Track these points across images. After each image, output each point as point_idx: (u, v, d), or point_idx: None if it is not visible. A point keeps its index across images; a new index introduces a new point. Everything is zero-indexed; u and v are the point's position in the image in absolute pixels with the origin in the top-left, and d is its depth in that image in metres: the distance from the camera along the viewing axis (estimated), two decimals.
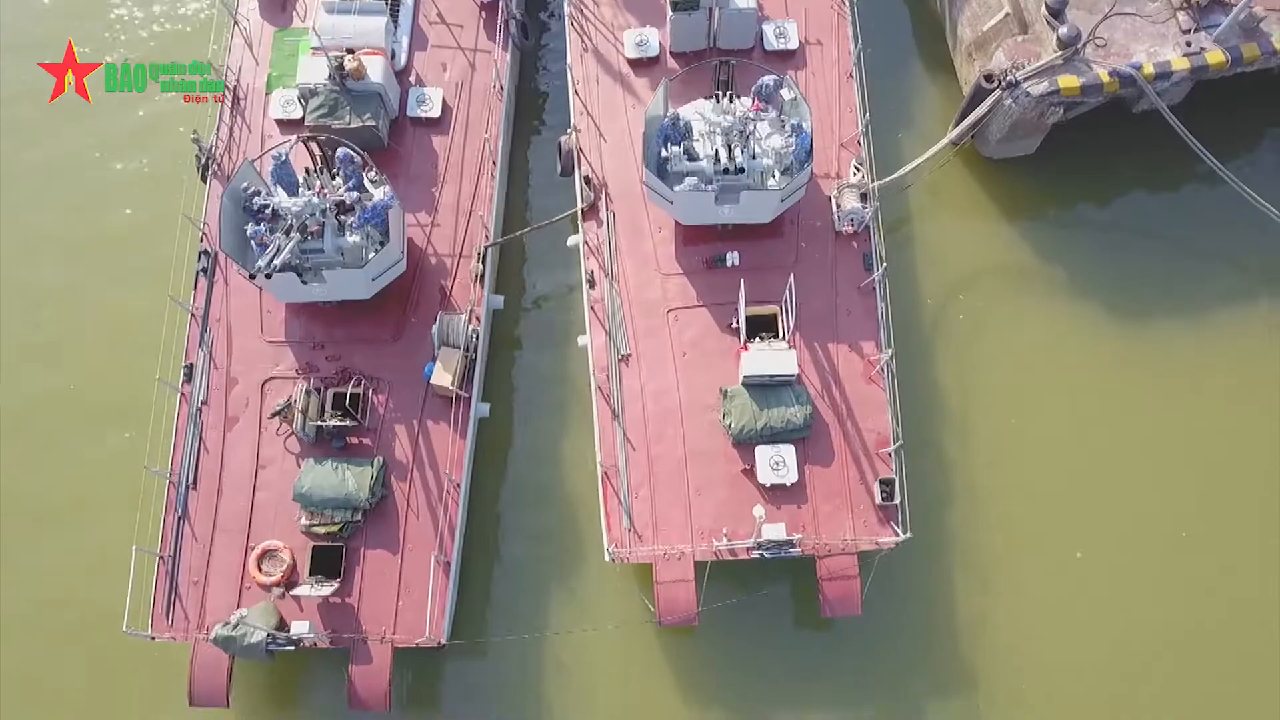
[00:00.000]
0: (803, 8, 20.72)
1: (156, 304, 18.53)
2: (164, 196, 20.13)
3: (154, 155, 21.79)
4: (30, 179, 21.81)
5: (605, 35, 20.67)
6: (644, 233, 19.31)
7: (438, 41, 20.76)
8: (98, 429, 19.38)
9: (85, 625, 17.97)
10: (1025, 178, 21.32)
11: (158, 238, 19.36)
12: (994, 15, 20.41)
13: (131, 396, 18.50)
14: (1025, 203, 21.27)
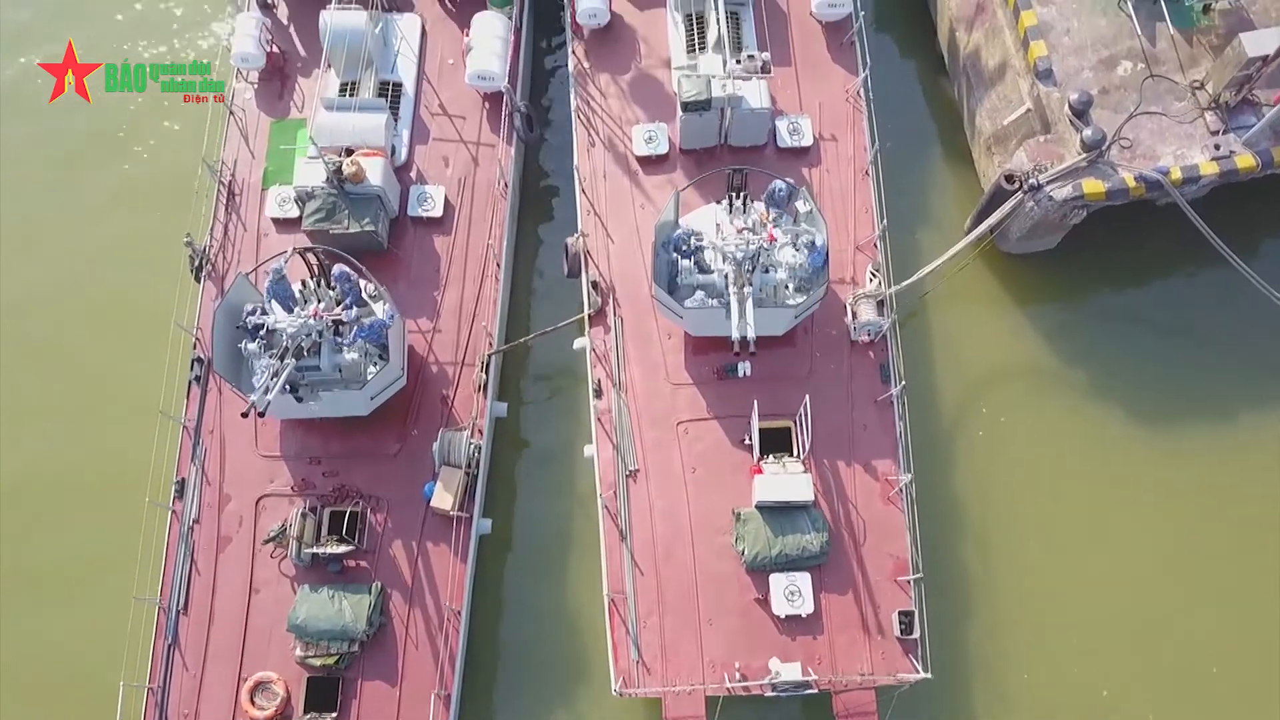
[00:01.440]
0: (817, 101, 20.06)
1: (146, 425, 17.79)
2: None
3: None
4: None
5: (613, 129, 20.03)
6: (652, 339, 18.64)
7: (440, 134, 20.12)
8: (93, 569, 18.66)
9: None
10: (1045, 272, 20.67)
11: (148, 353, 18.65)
12: (1014, 110, 19.76)
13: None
14: (1045, 299, 20.62)
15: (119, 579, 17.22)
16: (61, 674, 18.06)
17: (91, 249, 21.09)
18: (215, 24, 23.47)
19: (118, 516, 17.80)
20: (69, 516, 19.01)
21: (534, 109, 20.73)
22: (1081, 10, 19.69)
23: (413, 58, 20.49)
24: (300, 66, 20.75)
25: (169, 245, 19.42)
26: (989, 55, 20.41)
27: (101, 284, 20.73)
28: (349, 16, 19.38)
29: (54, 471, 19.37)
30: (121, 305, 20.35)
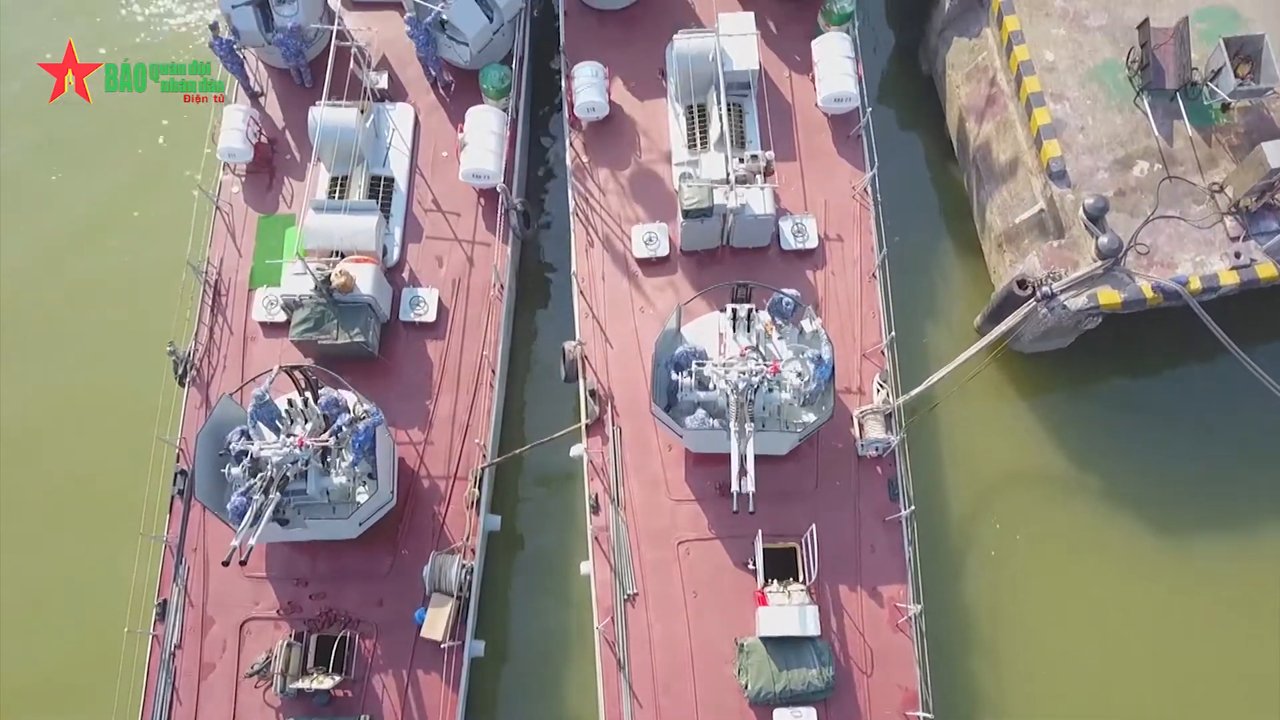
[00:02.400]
0: (822, 198, 19.42)
1: (126, 540, 17.16)
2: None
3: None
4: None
5: (612, 228, 19.40)
6: (652, 449, 17.99)
7: (433, 232, 19.49)
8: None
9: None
10: (1057, 370, 20.04)
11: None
12: (1026, 209, 19.13)
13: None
14: (1057, 397, 20.02)
15: (98, 707, 16.59)
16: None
17: (71, 345, 20.45)
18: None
19: (97, 638, 17.17)
20: (45, 637, 18.35)
21: (531, 204, 20.09)
22: (1096, 107, 19.06)
23: (405, 150, 19.87)
24: (289, 159, 20.12)
25: (152, 344, 18.78)
26: (1000, 149, 19.78)
27: (81, 384, 20.10)
28: (339, 113, 18.75)
29: (28, 588, 18.71)
30: (102, 408, 19.73)
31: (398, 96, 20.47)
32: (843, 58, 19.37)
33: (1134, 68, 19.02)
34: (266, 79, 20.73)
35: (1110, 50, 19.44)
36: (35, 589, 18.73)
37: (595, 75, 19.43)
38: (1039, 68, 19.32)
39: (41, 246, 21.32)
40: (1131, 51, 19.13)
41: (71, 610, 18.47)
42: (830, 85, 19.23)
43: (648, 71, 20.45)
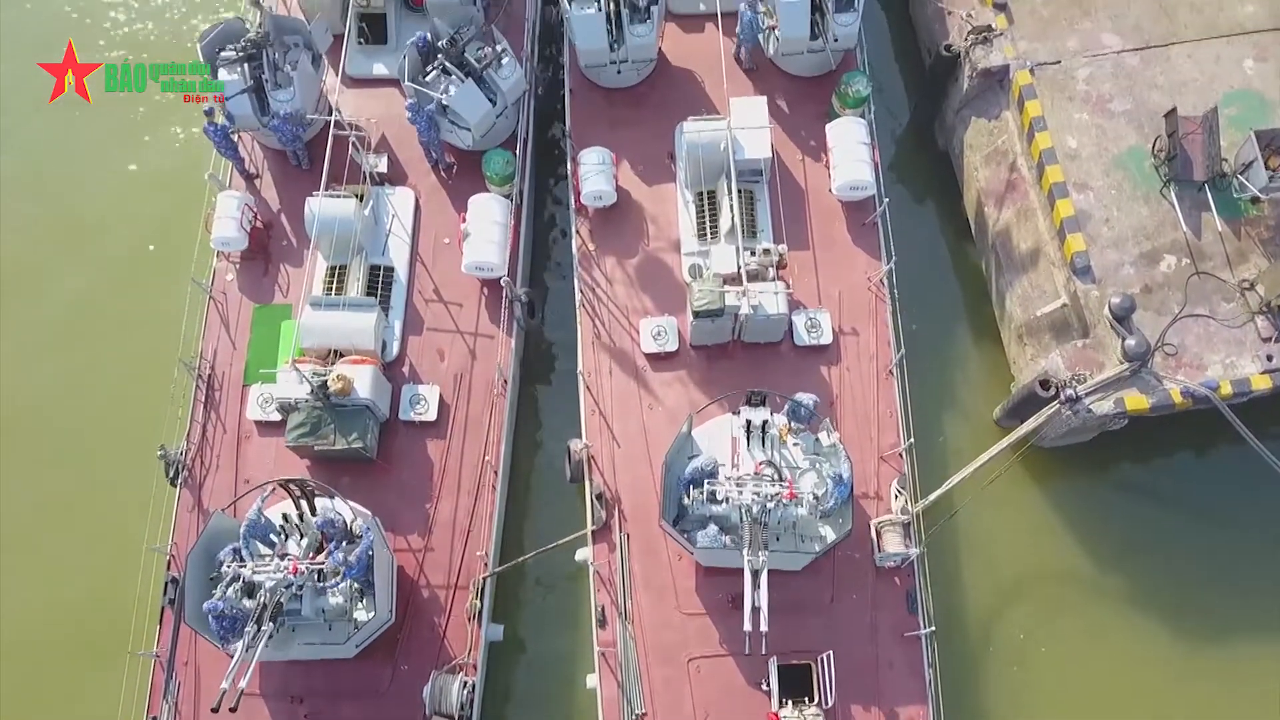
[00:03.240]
0: (837, 289, 18.76)
1: (114, 656, 16.51)
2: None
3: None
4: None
5: (619, 319, 18.74)
6: (661, 558, 17.32)
7: (434, 323, 18.82)
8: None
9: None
10: (1077, 464, 19.44)
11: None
12: (1049, 302, 18.47)
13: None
14: (1078, 494, 19.40)
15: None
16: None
17: (57, 445, 19.78)
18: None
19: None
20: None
21: (535, 293, 19.43)
22: (1121, 197, 18.42)
23: (405, 238, 19.21)
24: (286, 245, 19.47)
25: (142, 443, 18.12)
26: (1020, 238, 19.13)
27: (66, 487, 19.40)
28: (337, 204, 18.10)
29: (15, 707, 18.06)
30: (90, 510, 19.04)
31: (398, 180, 19.81)
32: (858, 144, 18.71)
33: (1160, 157, 18.38)
34: (262, 160, 20.08)
35: (1135, 137, 18.80)
36: (24, 705, 18.07)
37: (602, 162, 18.76)
38: (1061, 155, 18.68)
39: (30, 338, 20.64)
40: (1158, 140, 18.49)
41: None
42: (845, 173, 18.57)
43: (656, 154, 19.80)
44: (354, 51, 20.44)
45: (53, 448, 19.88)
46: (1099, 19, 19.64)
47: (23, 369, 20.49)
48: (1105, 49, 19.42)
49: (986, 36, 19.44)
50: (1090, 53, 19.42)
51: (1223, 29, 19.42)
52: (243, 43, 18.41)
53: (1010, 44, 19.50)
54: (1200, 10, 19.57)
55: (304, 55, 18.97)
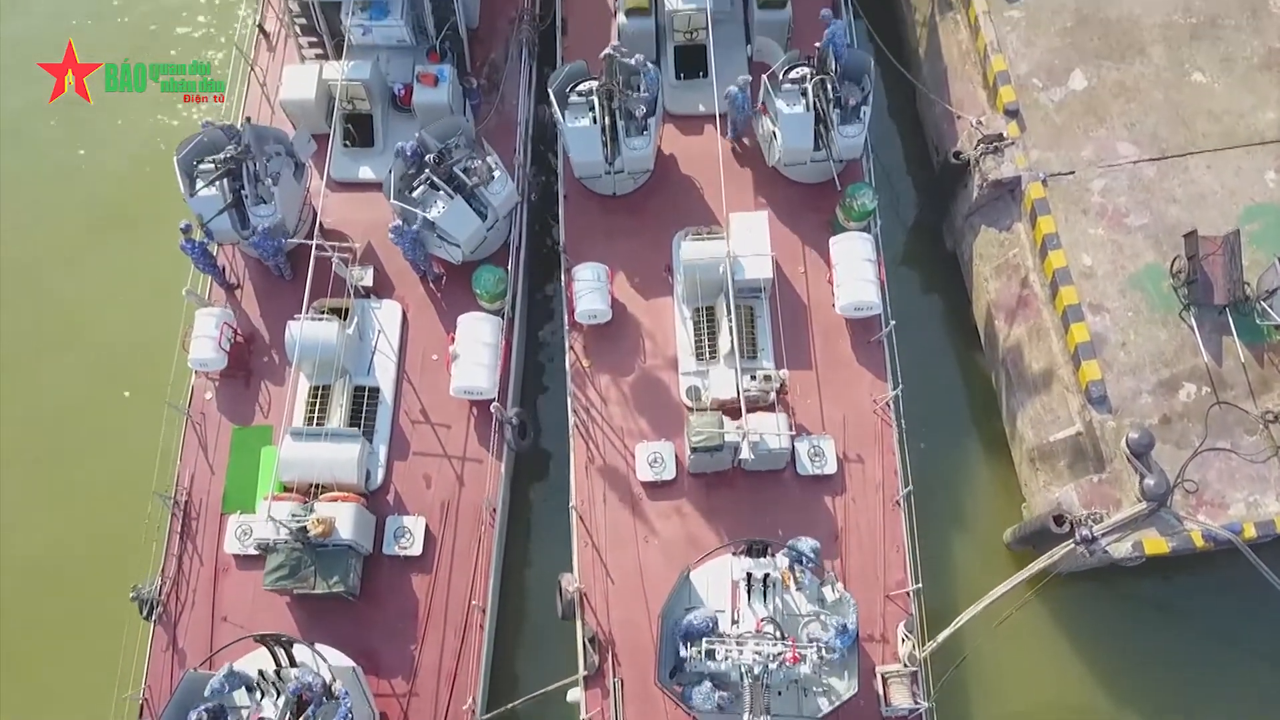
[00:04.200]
0: (841, 413, 17.96)
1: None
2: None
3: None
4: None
5: (614, 443, 17.96)
6: (657, 705, 16.48)
7: (421, 447, 18.03)
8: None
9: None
10: (1095, 589, 18.55)
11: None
12: (1063, 428, 17.69)
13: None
14: (1096, 622, 18.52)
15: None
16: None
17: (22, 565, 19.02)
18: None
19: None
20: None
21: (526, 412, 18.64)
22: (1138, 320, 17.65)
23: (392, 356, 18.44)
24: (267, 361, 18.70)
25: (117, 578, 17.37)
26: (1033, 357, 18.36)
27: (33, 616, 18.63)
28: (319, 329, 17.33)
29: None
30: (59, 651, 18.24)
31: (384, 291, 19.05)
32: (863, 261, 17.94)
33: (1179, 278, 17.61)
34: (243, 269, 19.33)
35: (1153, 254, 18.04)
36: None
37: (597, 279, 18.01)
38: (1076, 274, 17.92)
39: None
40: (1176, 260, 17.73)
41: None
42: (850, 293, 17.80)
43: (653, 266, 19.04)
44: (339, 154, 19.69)
45: (18, 589, 19.07)
46: (1114, 126, 18.89)
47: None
48: (1121, 159, 18.67)
49: (997, 146, 18.68)
50: (1105, 163, 18.67)
51: (1242, 138, 18.68)
52: (222, 156, 17.66)
53: (1022, 153, 18.75)
54: (1219, 118, 18.82)
55: (286, 165, 18.22)
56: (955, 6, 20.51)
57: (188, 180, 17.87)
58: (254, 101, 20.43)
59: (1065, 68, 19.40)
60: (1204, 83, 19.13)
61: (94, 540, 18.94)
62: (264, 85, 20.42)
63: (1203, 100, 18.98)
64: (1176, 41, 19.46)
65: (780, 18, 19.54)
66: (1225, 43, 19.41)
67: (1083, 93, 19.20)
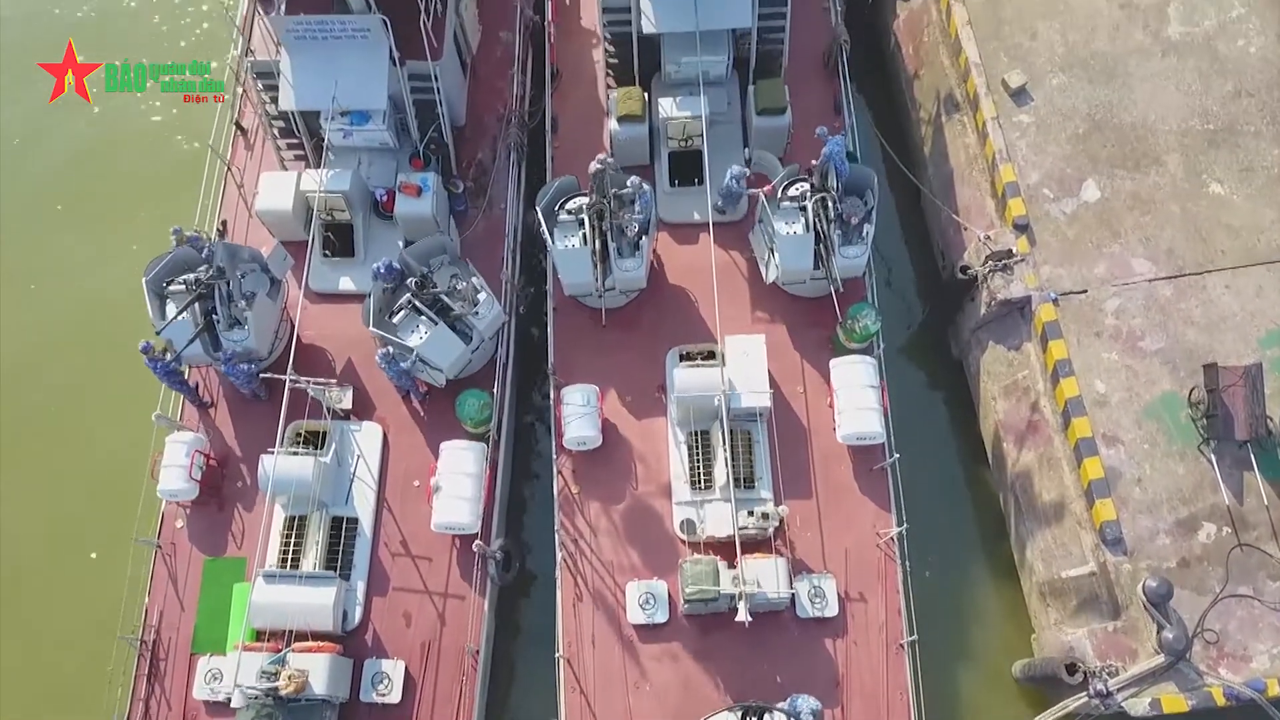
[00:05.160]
0: (842, 547, 17.09)
1: None
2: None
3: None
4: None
5: (604, 579, 17.09)
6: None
7: (401, 582, 17.14)
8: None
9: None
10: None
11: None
12: (1075, 566, 16.84)
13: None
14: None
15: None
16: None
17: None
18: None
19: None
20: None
21: (512, 542, 17.79)
22: (1155, 452, 16.81)
23: (371, 483, 17.59)
24: (241, 486, 17.83)
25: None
26: (1043, 487, 17.52)
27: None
28: (294, 463, 16.48)
29: None
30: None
31: (364, 411, 18.19)
32: (865, 388, 17.10)
33: (1199, 410, 16.78)
34: (217, 386, 18.47)
35: (1169, 381, 17.20)
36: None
37: (587, 403, 17.16)
38: (1089, 402, 17.09)
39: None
40: (1194, 391, 16.90)
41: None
42: (852, 423, 16.95)
43: (646, 383, 18.19)
44: (318, 264, 18.84)
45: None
46: (1129, 242, 18.06)
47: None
48: (1136, 277, 17.84)
49: (1006, 263, 17.84)
50: (1119, 281, 17.84)
51: (1263, 255, 17.85)
52: (193, 278, 16.82)
53: (1032, 271, 17.92)
54: (1238, 234, 18.00)
55: (261, 283, 17.40)
56: (962, 108, 19.68)
57: (157, 302, 17.04)
58: (230, 202, 19.65)
59: (1077, 177, 18.58)
60: (1222, 194, 18.30)
61: (56, 684, 18.05)
62: (240, 186, 19.62)
63: (1221, 213, 18.16)
64: (1194, 149, 18.64)
65: (779, 124, 18.70)
66: (1244, 151, 18.58)
67: (1096, 204, 18.37)
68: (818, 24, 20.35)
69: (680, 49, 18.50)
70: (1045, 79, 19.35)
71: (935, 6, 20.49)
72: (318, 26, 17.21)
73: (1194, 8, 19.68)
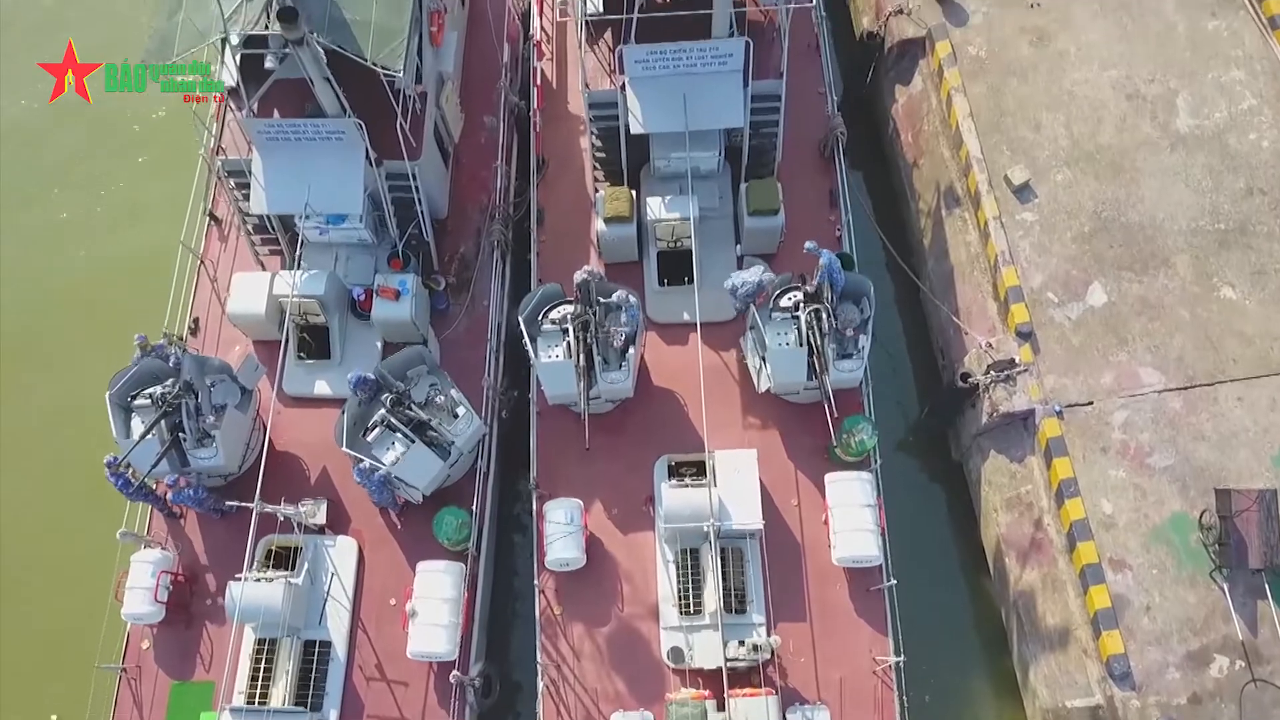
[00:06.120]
0: (837, 675, 16.27)
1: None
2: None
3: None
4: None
5: (588, 707, 16.32)
6: None
7: (375, 708, 16.32)
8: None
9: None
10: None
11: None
12: (1081, 696, 16.09)
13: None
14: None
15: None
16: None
17: None
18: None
19: None
20: None
21: (492, 665, 17.06)
22: (1164, 579, 16.07)
23: (346, 603, 16.83)
24: (210, 604, 17.07)
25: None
26: (1047, 609, 16.76)
27: None
28: (262, 590, 15.73)
29: None
30: None
31: (339, 525, 17.46)
32: (861, 507, 16.34)
33: (1210, 535, 16.04)
34: None
35: (1179, 501, 16.46)
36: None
37: (570, 522, 16.39)
38: (1095, 524, 16.35)
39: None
40: (1205, 514, 16.16)
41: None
42: (848, 546, 16.18)
43: (633, 494, 17.44)
44: (293, 367, 18.12)
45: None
46: (1136, 350, 17.34)
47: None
48: (1144, 388, 17.10)
49: (1009, 374, 17.11)
50: (1127, 392, 17.11)
51: (1276, 365, 17.11)
52: (159, 393, 16.10)
53: (1036, 382, 17.19)
54: (1251, 342, 17.27)
55: (231, 394, 16.69)
56: (963, 203, 18.96)
57: (122, 416, 16.33)
58: (204, 299, 18.96)
59: (1083, 280, 17.86)
60: (1234, 299, 17.58)
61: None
62: (214, 280, 18.92)
63: (1233, 320, 17.43)
64: (1204, 250, 17.92)
65: (772, 225, 17.99)
66: (1257, 253, 17.86)
67: (1102, 309, 17.65)
68: (814, 109, 19.68)
69: (669, 145, 17.80)
70: (1049, 174, 18.64)
71: (935, 94, 19.77)
72: (290, 129, 16.50)
73: (1203, 99, 18.97)
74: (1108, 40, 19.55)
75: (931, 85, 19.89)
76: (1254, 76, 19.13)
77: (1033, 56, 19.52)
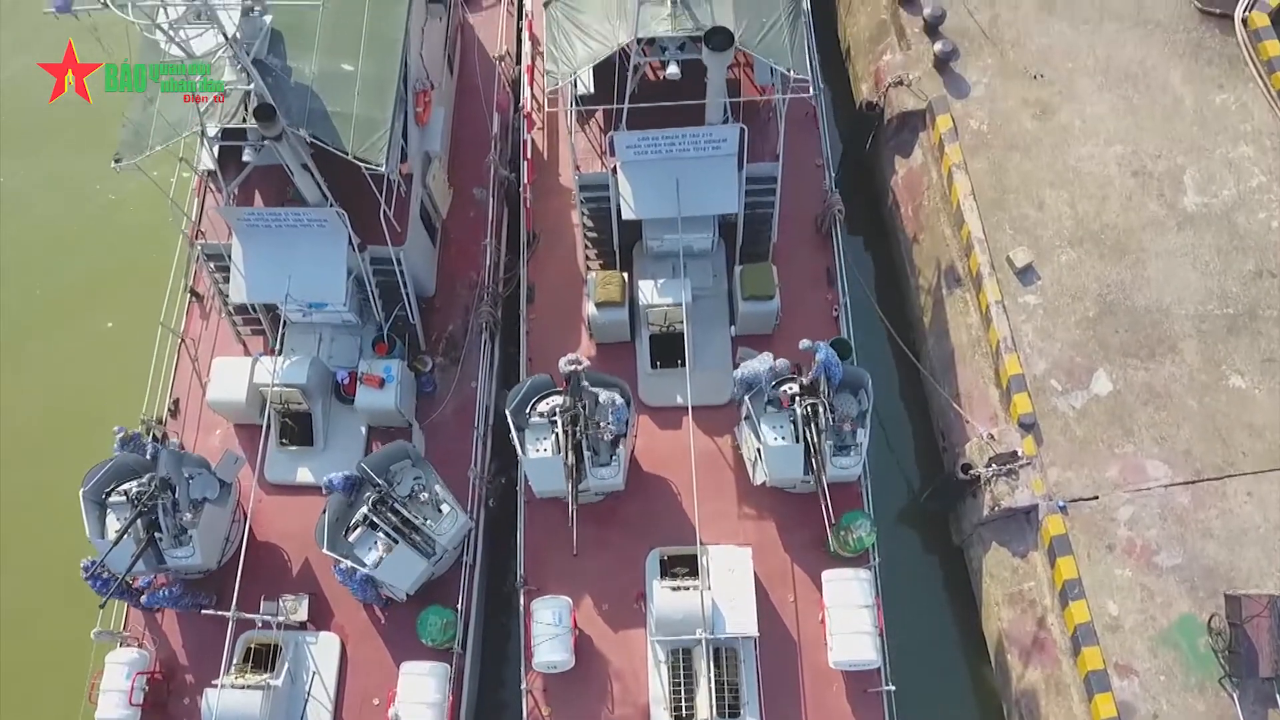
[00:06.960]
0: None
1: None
2: None
3: None
4: None
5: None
6: None
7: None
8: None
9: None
10: None
11: None
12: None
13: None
14: None
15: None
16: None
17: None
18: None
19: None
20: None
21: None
22: (1172, 685, 15.57)
23: (328, 704, 16.30)
24: (186, 702, 16.56)
25: None
26: (1050, 712, 16.28)
27: None
28: (239, 698, 15.19)
29: None
30: None
31: (320, 620, 16.93)
32: (859, 608, 15.83)
33: (1219, 641, 15.53)
34: None
35: (1187, 602, 15.97)
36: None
37: (559, 622, 15.88)
38: (1100, 627, 15.86)
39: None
40: (1213, 618, 15.67)
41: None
42: (845, 649, 15.66)
43: (623, 588, 16.92)
44: (275, 453, 17.62)
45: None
46: (1142, 441, 16.84)
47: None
48: (1151, 481, 16.62)
49: (1011, 467, 16.61)
50: (1133, 486, 16.62)
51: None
52: (135, 490, 15.58)
53: (1039, 475, 16.69)
54: (1260, 433, 16.78)
55: (209, 487, 16.15)
56: (964, 283, 18.46)
57: (96, 513, 15.81)
58: (184, 378, 18.46)
59: (1088, 367, 17.36)
60: (1243, 388, 17.09)
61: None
62: (195, 360, 18.42)
63: (1242, 410, 16.95)
64: (1212, 336, 17.43)
65: (767, 309, 17.50)
66: (1267, 339, 17.37)
67: (1107, 398, 17.16)
68: (811, 182, 19.20)
69: (663, 226, 17.31)
70: (1053, 254, 18.15)
71: (936, 169, 19.28)
72: (271, 218, 16.02)
73: (1211, 176, 18.48)
74: (1113, 113, 19.07)
75: (932, 159, 19.40)
76: (1263, 152, 18.65)
77: (1036, 130, 19.04)
